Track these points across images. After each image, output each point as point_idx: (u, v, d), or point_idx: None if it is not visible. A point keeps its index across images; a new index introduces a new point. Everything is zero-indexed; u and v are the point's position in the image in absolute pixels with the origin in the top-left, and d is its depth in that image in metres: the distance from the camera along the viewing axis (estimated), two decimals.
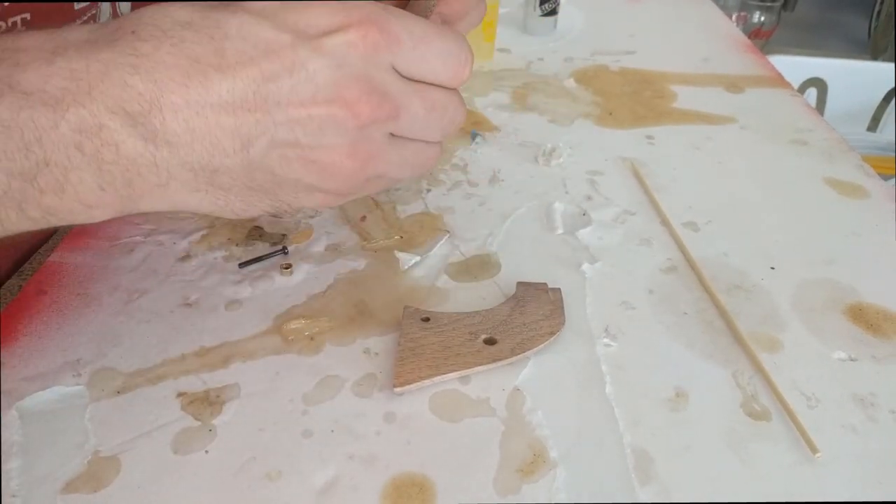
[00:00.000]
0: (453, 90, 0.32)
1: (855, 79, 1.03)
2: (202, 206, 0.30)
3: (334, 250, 0.45)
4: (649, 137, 0.59)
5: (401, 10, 0.30)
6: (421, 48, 0.30)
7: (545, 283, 0.41)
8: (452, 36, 0.31)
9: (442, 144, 0.34)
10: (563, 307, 0.40)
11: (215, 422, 0.34)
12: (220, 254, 0.44)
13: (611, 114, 0.63)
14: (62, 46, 0.26)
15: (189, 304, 0.40)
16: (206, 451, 0.32)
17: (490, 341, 0.37)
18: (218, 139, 0.28)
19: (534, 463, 0.32)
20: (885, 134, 1.04)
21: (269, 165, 0.29)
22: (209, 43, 0.27)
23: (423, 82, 0.31)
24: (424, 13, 0.35)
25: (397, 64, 0.29)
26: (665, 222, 0.48)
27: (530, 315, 0.39)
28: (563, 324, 0.39)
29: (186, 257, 0.44)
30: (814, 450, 0.33)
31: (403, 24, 0.29)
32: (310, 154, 0.29)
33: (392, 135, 0.31)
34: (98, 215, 0.28)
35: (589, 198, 0.51)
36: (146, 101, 0.26)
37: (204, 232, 0.46)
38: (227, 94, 0.27)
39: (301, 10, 0.28)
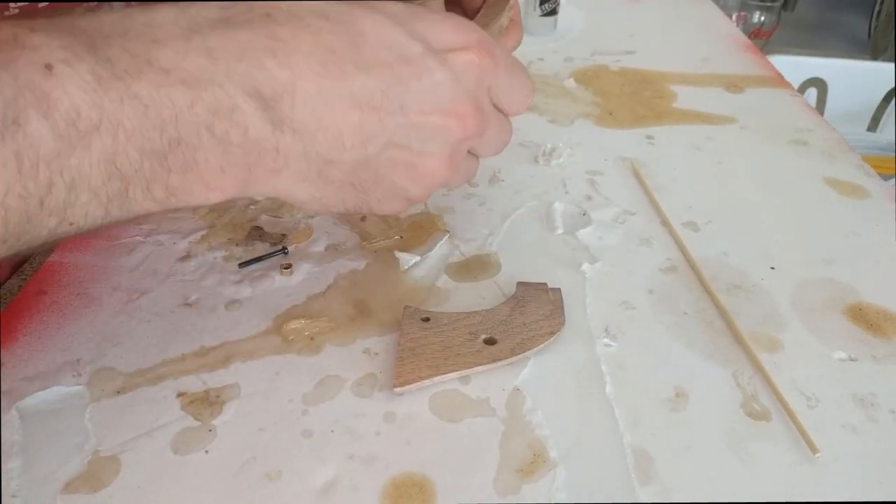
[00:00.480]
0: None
1: (855, 79, 1.03)
2: (300, 195, 0.30)
3: (334, 250, 0.45)
4: (649, 137, 0.59)
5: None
6: (510, 77, 0.32)
7: (545, 283, 0.41)
8: (526, 71, 0.34)
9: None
10: (563, 307, 0.40)
11: (215, 422, 0.34)
12: (220, 254, 0.44)
13: (611, 114, 0.63)
14: (197, 23, 0.26)
15: (189, 304, 0.40)
16: (206, 451, 0.32)
17: (490, 341, 0.37)
18: (341, 132, 0.28)
19: (534, 463, 0.32)
20: (885, 134, 1.04)
21: (376, 165, 0.30)
22: (346, 36, 0.27)
23: (498, 107, 0.33)
24: None
25: (491, 88, 0.32)
26: (665, 222, 0.48)
27: (530, 315, 0.39)
28: (563, 324, 0.39)
29: (186, 257, 0.44)
30: (814, 450, 0.33)
31: (502, 53, 0.32)
32: (415, 159, 0.31)
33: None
34: (214, 198, 0.28)
35: (589, 198, 0.51)
36: (280, 86, 0.26)
37: (204, 232, 0.46)
38: (359, 89, 0.28)
39: (429, 22, 0.30)
